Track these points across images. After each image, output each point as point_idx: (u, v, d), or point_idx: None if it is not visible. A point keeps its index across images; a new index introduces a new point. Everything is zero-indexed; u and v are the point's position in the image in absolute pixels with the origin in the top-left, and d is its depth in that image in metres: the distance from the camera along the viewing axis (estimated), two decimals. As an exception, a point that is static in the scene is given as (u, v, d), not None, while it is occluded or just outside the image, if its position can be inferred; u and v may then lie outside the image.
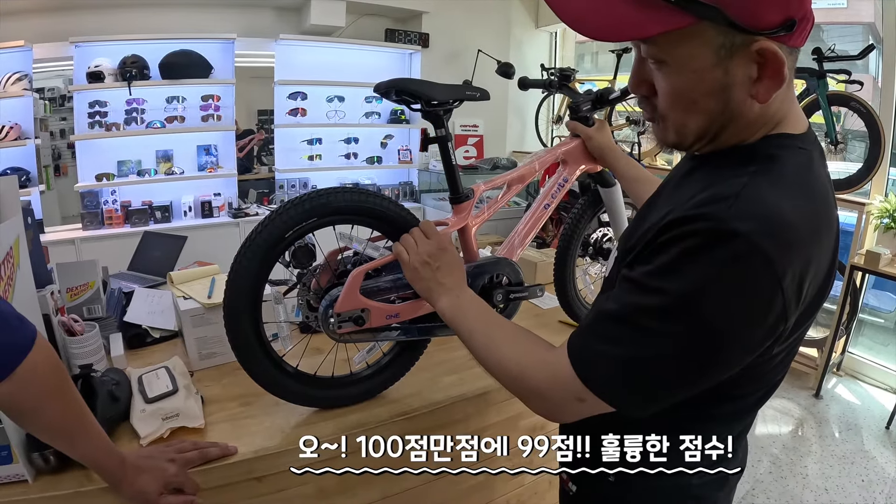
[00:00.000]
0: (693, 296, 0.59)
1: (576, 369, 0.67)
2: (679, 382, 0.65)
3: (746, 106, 0.63)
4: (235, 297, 1.00)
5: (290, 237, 1.00)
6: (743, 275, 0.58)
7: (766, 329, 0.61)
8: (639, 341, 0.63)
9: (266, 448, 1.06)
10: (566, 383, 0.68)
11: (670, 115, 0.67)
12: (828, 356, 3.13)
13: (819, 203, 0.64)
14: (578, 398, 0.68)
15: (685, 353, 0.62)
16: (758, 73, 0.60)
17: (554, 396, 0.71)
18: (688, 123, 0.66)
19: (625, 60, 4.41)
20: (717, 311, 0.59)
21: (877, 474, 2.51)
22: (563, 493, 0.91)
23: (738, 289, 0.59)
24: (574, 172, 1.32)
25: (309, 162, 4.34)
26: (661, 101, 0.67)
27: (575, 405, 0.69)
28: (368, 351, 1.19)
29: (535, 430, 1.44)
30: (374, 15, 4.54)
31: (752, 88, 0.61)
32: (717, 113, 0.64)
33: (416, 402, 1.22)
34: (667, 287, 0.61)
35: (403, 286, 1.09)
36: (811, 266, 0.61)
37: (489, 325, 0.85)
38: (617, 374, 0.65)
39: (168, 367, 1.23)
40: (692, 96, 0.64)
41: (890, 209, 2.98)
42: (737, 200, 0.59)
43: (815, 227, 0.62)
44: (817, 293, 0.66)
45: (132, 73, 3.54)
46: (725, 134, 0.66)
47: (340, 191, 1.02)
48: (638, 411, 0.68)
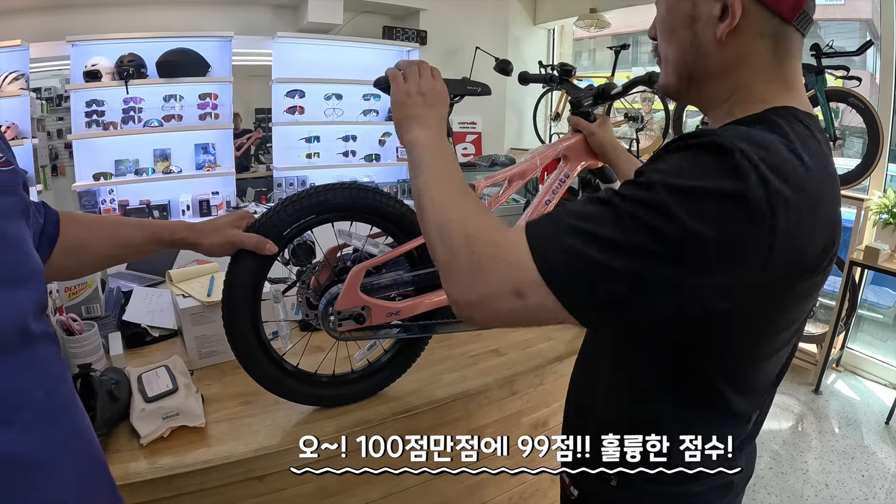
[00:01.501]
0: (674, 185, 0.57)
1: (534, 256, 0.61)
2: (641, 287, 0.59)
3: (712, 46, 0.68)
4: (234, 296, 0.99)
5: (288, 234, 1.00)
6: (735, 179, 0.55)
7: (745, 252, 0.56)
8: (611, 227, 0.58)
9: (267, 447, 1.06)
10: (511, 270, 0.62)
11: (661, 49, 0.75)
12: (827, 352, 3.14)
13: (822, 170, 0.61)
14: (517, 292, 0.61)
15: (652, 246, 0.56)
16: (720, 13, 0.66)
17: (492, 281, 0.63)
18: (669, 55, 0.73)
19: (622, 57, 4.42)
20: (698, 211, 0.55)
21: (877, 469, 2.51)
22: (564, 498, 0.89)
23: (723, 191, 0.55)
24: (575, 168, 1.32)
25: (307, 160, 4.33)
26: (658, 36, 0.75)
27: (506, 300, 0.62)
28: (369, 349, 1.18)
29: (538, 426, 1.45)
30: (371, 12, 4.53)
31: (716, 27, 0.66)
32: (688, 44, 0.70)
33: (418, 400, 1.21)
34: (651, 178, 0.59)
35: (404, 283, 1.09)
36: (809, 215, 0.58)
37: (454, 182, 0.75)
38: (580, 267, 0.59)
39: (168, 366, 1.22)
40: (670, 24, 0.72)
41: (888, 204, 2.99)
42: (731, 128, 0.62)
43: (815, 184, 0.59)
44: (810, 268, 0.62)
45: (129, 71, 3.52)
46: (700, 77, 0.71)
47: (339, 187, 1.01)
48: (588, 314, 0.62)
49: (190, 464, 0.99)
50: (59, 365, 0.58)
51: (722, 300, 0.59)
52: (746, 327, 0.66)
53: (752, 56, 0.67)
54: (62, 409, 0.56)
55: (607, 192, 0.61)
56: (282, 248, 1.02)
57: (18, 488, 0.46)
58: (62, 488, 0.52)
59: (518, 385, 1.35)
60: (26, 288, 0.55)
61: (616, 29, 5.02)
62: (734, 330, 0.66)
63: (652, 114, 4.19)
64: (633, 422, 0.78)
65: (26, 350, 0.52)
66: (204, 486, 0.99)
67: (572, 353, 1.41)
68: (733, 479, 0.79)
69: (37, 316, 0.55)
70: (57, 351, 0.59)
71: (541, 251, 0.61)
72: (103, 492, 0.63)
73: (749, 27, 0.65)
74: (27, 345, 0.52)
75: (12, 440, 0.46)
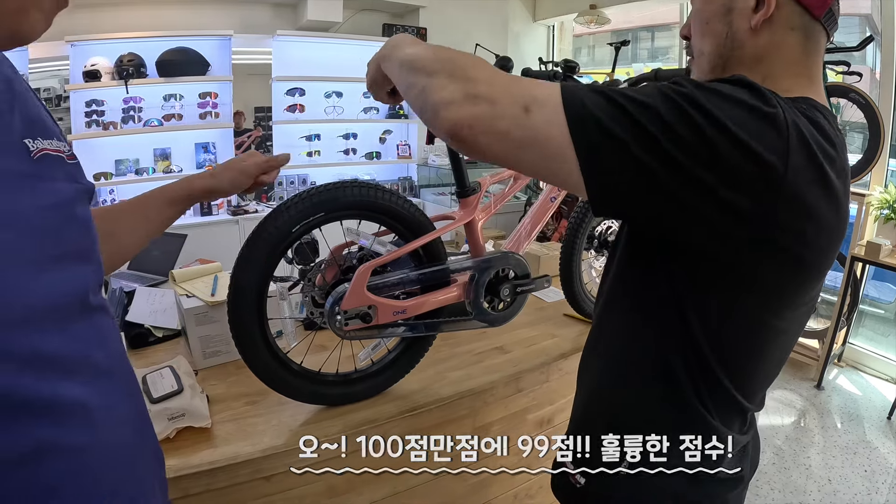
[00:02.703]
0: (706, 86, 0.60)
1: (562, 86, 0.61)
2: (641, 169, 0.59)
3: (747, 36, 0.71)
4: (240, 294, 0.99)
5: (297, 232, 0.99)
6: (766, 104, 0.59)
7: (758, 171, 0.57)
8: (645, 94, 0.60)
9: (273, 447, 1.05)
10: (528, 87, 0.61)
11: (695, 44, 0.77)
12: (829, 347, 3.14)
13: (833, 146, 0.63)
14: (526, 107, 0.60)
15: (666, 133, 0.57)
16: (756, 4, 0.69)
17: (508, 89, 0.61)
18: (704, 49, 0.76)
19: (622, 54, 4.41)
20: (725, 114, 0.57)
21: (879, 465, 2.52)
22: (568, 487, 0.89)
23: (754, 106, 0.59)
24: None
25: (308, 158, 4.32)
26: (693, 30, 0.78)
27: (513, 109, 0.60)
28: (374, 348, 1.18)
29: (543, 424, 1.45)
30: (371, 10, 4.53)
31: (751, 18, 0.69)
32: (722, 36, 0.73)
33: (423, 399, 1.21)
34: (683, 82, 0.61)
35: (410, 282, 1.09)
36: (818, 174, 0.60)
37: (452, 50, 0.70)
38: (602, 101, 0.59)
39: (172, 367, 1.22)
40: (706, 16, 0.74)
41: (890, 200, 2.99)
42: None
43: (828, 157, 0.61)
44: (815, 230, 0.62)
45: (129, 71, 3.52)
46: (733, 68, 0.73)
47: (349, 185, 1.01)
48: (591, 152, 0.60)
49: (196, 465, 0.98)
50: (114, 332, 0.65)
51: (724, 217, 0.59)
52: (751, 288, 0.67)
53: (784, 48, 0.70)
54: (118, 365, 0.64)
55: None
56: (289, 244, 1.01)
57: (82, 425, 0.55)
58: (120, 425, 0.61)
59: (523, 382, 1.35)
60: (90, 264, 0.62)
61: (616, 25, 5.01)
62: (737, 285, 0.67)
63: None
64: (634, 418, 0.79)
65: (86, 319, 0.59)
66: (211, 487, 0.99)
67: (577, 350, 1.41)
68: (739, 473, 0.80)
69: (94, 291, 0.62)
70: (112, 321, 0.66)
71: (569, 85, 0.62)
72: (150, 432, 0.71)
73: (781, 19, 0.69)
74: (87, 315, 0.59)
75: (76, 388, 0.55)
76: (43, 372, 0.52)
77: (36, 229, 0.54)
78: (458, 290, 1.14)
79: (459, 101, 0.61)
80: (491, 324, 1.21)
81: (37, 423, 0.51)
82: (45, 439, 0.51)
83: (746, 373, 0.74)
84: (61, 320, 0.55)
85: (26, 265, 0.52)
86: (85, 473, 0.55)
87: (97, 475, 0.56)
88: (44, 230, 0.55)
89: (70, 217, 0.59)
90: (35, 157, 0.56)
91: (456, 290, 1.14)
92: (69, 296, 0.57)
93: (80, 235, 0.61)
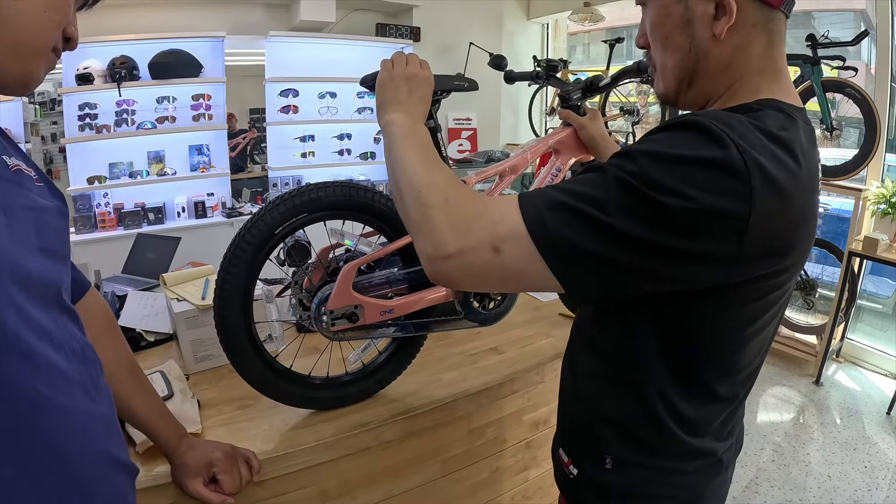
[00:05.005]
0: (655, 152, 0.60)
1: (521, 207, 0.63)
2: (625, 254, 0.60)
3: (711, 45, 0.69)
4: (225, 298, 0.98)
5: (280, 233, 0.98)
6: (716, 147, 0.58)
7: (721, 220, 0.57)
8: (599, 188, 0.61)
9: (265, 451, 1.04)
10: (494, 223, 0.63)
11: (656, 58, 0.75)
12: (827, 343, 3.13)
13: (795, 160, 0.62)
14: (495, 248, 0.62)
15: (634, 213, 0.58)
16: (714, 10, 0.67)
17: (472, 234, 0.64)
18: (667, 63, 0.73)
19: (617, 51, 4.40)
20: (677, 176, 0.57)
21: (879, 460, 2.51)
22: (562, 476, 0.91)
23: (704, 158, 0.57)
24: (567, 162, 1.30)
25: (302, 159, 4.31)
26: (651, 45, 0.75)
27: (483, 253, 0.63)
28: (363, 349, 1.17)
29: (539, 425, 1.43)
30: (364, 10, 4.51)
31: (712, 26, 0.67)
32: (686, 49, 0.70)
33: (417, 401, 1.20)
34: (633, 149, 0.62)
35: (398, 281, 1.07)
36: (781, 198, 0.60)
37: (428, 155, 0.76)
38: (567, 217, 0.60)
39: (163, 372, 1.21)
40: (664, 31, 0.71)
41: (886, 195, 2.98)
42: (706, 111, 0.65)
43: (792, 172, 0.61)
44: (782, 248, 0.63)
45: (121, 74, 3.49)
46: (700, 79, 0.71)
47: (331, 185, 1.00)
48: (568, 269, 0.62)
49: (186, 470, 0.97)
50: (80, 343, 0.69)
51: (697, 265, 0.60)
52: (723, 304, 0.68)
53: (749, 47, 0.68)
54: (91, 351, 0.71)
55: (596, 164, 0.63)
56: (273, 246, 1.00)
57: (62, 389, 0.62)
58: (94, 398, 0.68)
59: (518, 383, 1.34)
60: (65, 266, 0.70)
61: (610, 22, 5.00)
62: (707, 308, 0.68)
63: (648, 107, 4.17)
64: (619, 415, 0.80)
65: (61, 314, 0.66)
66: (202, 493, 0.97)
67: (572, 350, 1.40)
68: (722, 458, 0.82)
69: (67, 291, 0.69)
70: (80, 334, 0.70)
71: (528, 203, 0.63)
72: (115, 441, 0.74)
73: (743, 20, 0.66)
74: (61, 311, 0.66)
75: (58, 358, 0.62)
76: (40, 336, 0.60)
77: (24, 221, 0.62)
78: (446, 290, 1.13)
79: (432, 257, 0.66)
80: (482, 323, 1.19)
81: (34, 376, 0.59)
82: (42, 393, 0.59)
83: (727, 363, 0.75)
84: (45, 303, 0.63)
85: (24, 245, 0.61)
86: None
87: None
88: (29, 224, 0.62)
89: (45, 223, 0.66)
90: (12, 169, 0.64)
91: (444, 289, 1.13)
92: (50, 286, 0.64)
93: (55, 241, 0.67)
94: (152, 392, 0.97)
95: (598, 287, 0.64)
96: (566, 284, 0.62)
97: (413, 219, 0.69)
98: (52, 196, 0.71)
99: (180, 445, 0.95)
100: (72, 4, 0.66)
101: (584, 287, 0.64)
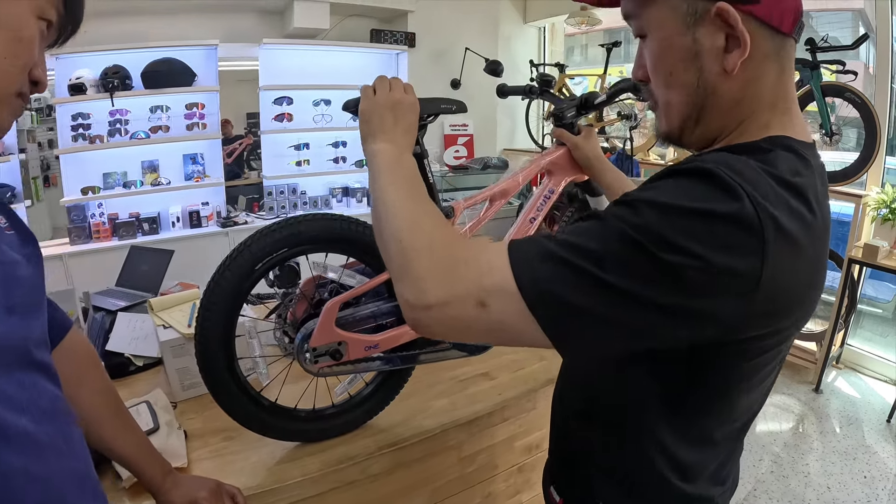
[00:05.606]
0: (659, 203, 0.55)
1: (510, 257, 0.58)
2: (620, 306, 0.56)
3: (721, 80, 0.63)
4: (206, 336, 0.96)
5: (260, 269, 0.96)
6: (728, 199, 0.53)
7: (730, 277, 0.53)
8: (596, 240, 0.56)
9: (251, 487, 1.03)
10: (480, 274, 0.59)
11: (658, 94, 0.69)
12: (827, 350, 3.10)
13: (809, 209, 0.58)
14: (481, 302, 0.58)
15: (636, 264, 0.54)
16: (725, 42, 0.61)
17: (456, 285, 0.59)
18: (671, 100, 0.67)
19: (614, 54, 4.37)
20: (682, 230, 0.53)
21: (879, 470, 2.48)
22: (550, 500, 0.90)
23: (713, 211, 0.53)
24: (560, 183, 1.27)
25: (297, 168, 4.28)
26: (652, 80, 0.69)
27: (467, 307, 0.59)
28: (350, 382, 1.14)
29: (531, 449, 1.41)
30: (358, 16, 4.47)
31: (723, 59, 0.61)
32: (693, 86, 0.64)
33: (406, 431, 1.18)
34: (635, 197, 0.57)
35: (383, 314, 1.05)
36: (794, 251, 0.56)
37: (414, 191, 0.72)
38: (558, 269, 0.56)
39: (149, 402, 1.19)
40: (668, 65, 0.65)
41: (887, 200, 2.95)
42: (714, 154, 0.60)
43: (805, 223, 0.57)
44: (791, 304, 0.60)
45: (114, 83, 3.47)
46: (708, 116, 0.66)
47: (310, 219, 0.98)
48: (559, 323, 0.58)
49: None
50: (51, 399, 0.67)
51: (695, 329, 0.57)
52: (725, 361, 0.64)
53: (760, 80, 0.63)
54: (63, 403, 0.69)
55: (593, 213, 0.59)
56: (254, 282, 0.98)
57: (32, 454, 0.61)
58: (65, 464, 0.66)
59: (510, 411, 1.32)
60: (36, 319, 0.67)
61: (607, 24, 4.99)
62: (707, 362, 0.65)
63: (645, 112, 4.15)
64: (611, 462, 0.78)
65: (26, 373, 0.63)
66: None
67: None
68: (718, 503, 0.79)
69: (37, 345, 0.67)
70: (54, 386, 0.68)
71: (518, 253, 0.59)
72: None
73: (755, 51, 0.61)
74: (29, 369, 0.64)
75: (25, 423, 0.60)
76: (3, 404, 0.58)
77: None
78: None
79: (412, 305, 0.61)
80: (471, 353, 1.17)
81: None
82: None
83: (725, 414, 0.72)
84: (6, 368, 0.60)
85: None
86: None
87: None
88: None
89: (13, 277, 0.64)
90: None
91: None
92: (14, 347, 0.62)
93: (24, 294, 0.65)
94: (136, 429, 0.95)
95: (591, 346, 0.61)
96: (557, 343, 0.59)
97: (395, 261, 0.64)
98: (22, 245, 0.69)
99: (165, 482, 0.94)
100: (36, 46, 0.63)
101: (577, 346, 0.61)
